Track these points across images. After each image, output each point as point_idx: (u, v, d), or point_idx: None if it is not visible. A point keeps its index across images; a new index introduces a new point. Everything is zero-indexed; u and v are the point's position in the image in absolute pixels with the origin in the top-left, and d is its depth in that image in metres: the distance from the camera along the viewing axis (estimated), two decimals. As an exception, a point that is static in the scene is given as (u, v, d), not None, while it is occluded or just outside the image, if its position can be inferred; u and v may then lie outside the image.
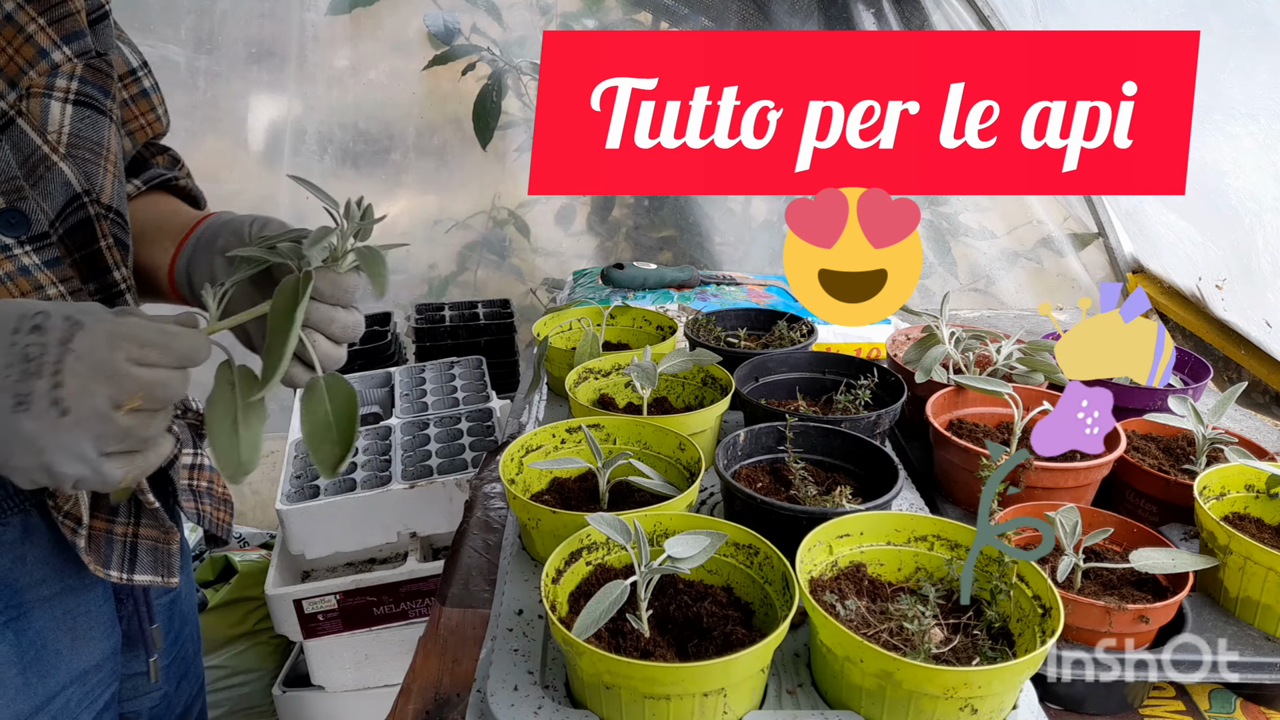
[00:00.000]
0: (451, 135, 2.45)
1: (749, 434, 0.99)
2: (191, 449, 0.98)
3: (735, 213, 2.57)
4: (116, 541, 0.83)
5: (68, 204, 0.76)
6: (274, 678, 1.86)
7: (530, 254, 2.61)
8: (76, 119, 0.76)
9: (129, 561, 0.83)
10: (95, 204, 0.78)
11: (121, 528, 0.83)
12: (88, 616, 0.85)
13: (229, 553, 1.99)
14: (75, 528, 0.78)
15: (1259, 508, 0.95)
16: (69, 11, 0.77)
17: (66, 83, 0.76)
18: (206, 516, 0.97)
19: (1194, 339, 1.80)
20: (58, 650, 0.82)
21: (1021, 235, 2.37)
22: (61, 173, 0.75)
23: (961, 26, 2.15)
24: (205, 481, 0.98)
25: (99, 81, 0.79)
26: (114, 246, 0.80)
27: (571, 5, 2.42)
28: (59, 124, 0.75)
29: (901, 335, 1.38)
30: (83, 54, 0.77)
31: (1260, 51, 1.35)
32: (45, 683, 0.80)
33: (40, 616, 0.80)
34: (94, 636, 0.85)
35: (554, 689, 0.73)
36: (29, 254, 0.73)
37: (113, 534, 0.82)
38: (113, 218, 0.80)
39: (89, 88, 0.78)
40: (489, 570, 1.14)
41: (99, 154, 0.79)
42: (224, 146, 2.34)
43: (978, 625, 0.74)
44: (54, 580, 0.81)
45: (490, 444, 1.77)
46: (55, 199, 0.75)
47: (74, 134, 0.76)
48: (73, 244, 0.77)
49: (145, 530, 0.85)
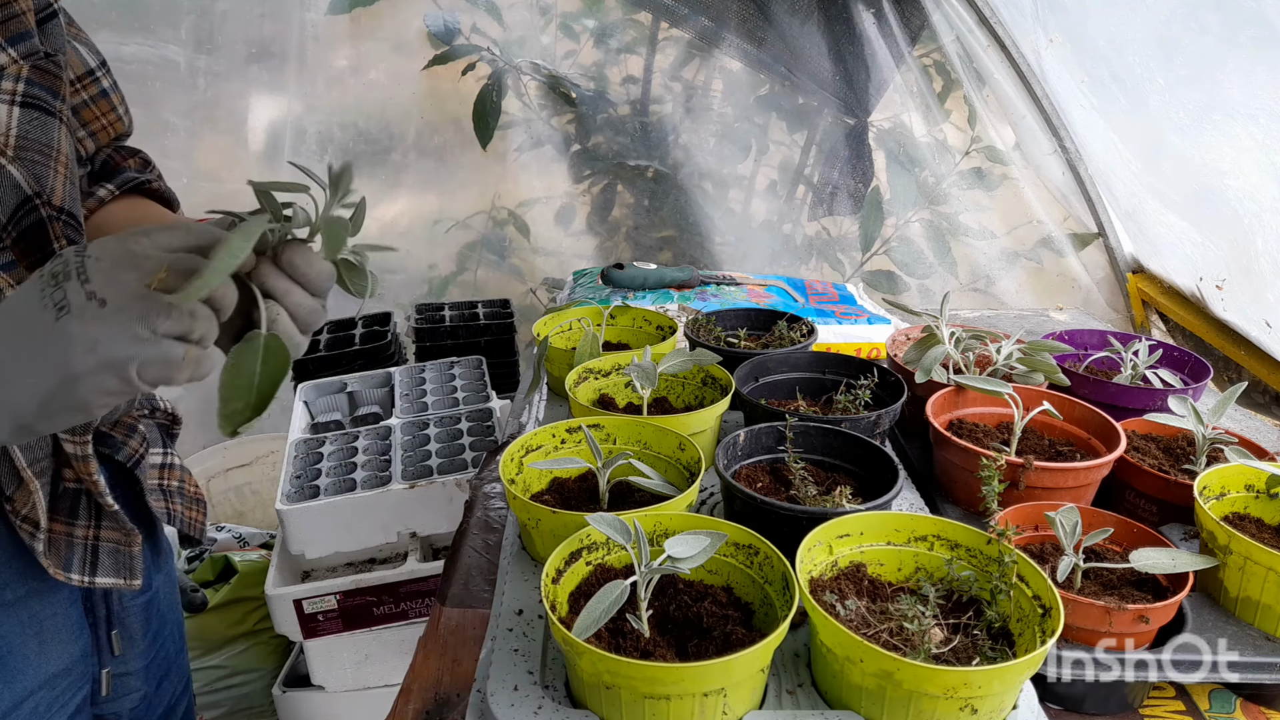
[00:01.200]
0: (451, 135, 2.45)
1: (749, 434, 0.99)
2: (160, 448, 0.98)
3: (735, 213, 2.57)
4: (78, 544, 0.82)
5: (19, 207, 0.74)
6: (274, 678, 1.86)
7: (530, 254, 2.62)
8: (24, 121, 0.75)
9: (90, 564, 0.83)
10: (47, 205, 0.76)
11: (82, 530, 0.83)
12: (54, 620, 0.84)
13: (229, 553, 1.99)
14: (33, 531, 0.78)
15: (1259, 508, 0.95)
16: (14, 13, 0.75)
17: (12, 85, 0.74)
18: (177, 516, 0.97)
19: (1194, 339, 1.80)
20: (25, 655, 0.81)
21: (1021, 235, 2.37)
22: (10, 176, 0.73)
23: (962, 26, 2.14)
24: (176, 481, 0.98)
25: (47, 83, 0.77)
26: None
27: (571, 5, 2.42)
28: (5, 126, 0.74)
29: (901, 335, 1.38)
30: (29, 55, 0.76)
31: (1260, 51, 1.35)
32: (12, 688, 0.80)
33: (5, 621, 0.80)
34: (61, 639, 0.85)
35: (554, 689, 0.73)
36: None
37: (73, 537, 0.82)
38: (65, 219, 0.79)
39: (36, 89, 0.76)
40: (489, 570, 1.14)
41: (49, 156, 0.77)
42: (224, 146, 2.34)
43: (978, 625, 0.74)
44: (17, 584, 0.81)
45: (490, 444, 1.77)
46: (6, 203, 0.74)
47: (21, 136, 0.74)
48: (26, 247, 0.75)
49: (106, 533, 0.85)
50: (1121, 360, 1.26)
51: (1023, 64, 2.10)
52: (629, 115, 2.49)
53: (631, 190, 2.56)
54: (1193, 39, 1.47)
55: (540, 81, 2.42)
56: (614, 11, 2.43)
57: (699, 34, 2.42)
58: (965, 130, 2.34)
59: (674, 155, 2.50)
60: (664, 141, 2.50)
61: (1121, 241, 2.17)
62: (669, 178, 2.51)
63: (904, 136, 2.41)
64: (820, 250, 2.59)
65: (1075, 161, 2.15)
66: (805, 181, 2.56)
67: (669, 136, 2.49)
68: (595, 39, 2.43)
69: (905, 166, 2.43)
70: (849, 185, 2.49)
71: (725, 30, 2.38)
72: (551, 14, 2.41)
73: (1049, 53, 1.98)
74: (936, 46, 2.28)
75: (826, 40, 2.32)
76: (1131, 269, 2.14)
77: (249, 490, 2.48)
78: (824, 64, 2.35)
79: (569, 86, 2.43)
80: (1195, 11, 1.44)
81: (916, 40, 2.30)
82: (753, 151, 2.54)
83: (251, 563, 1.95)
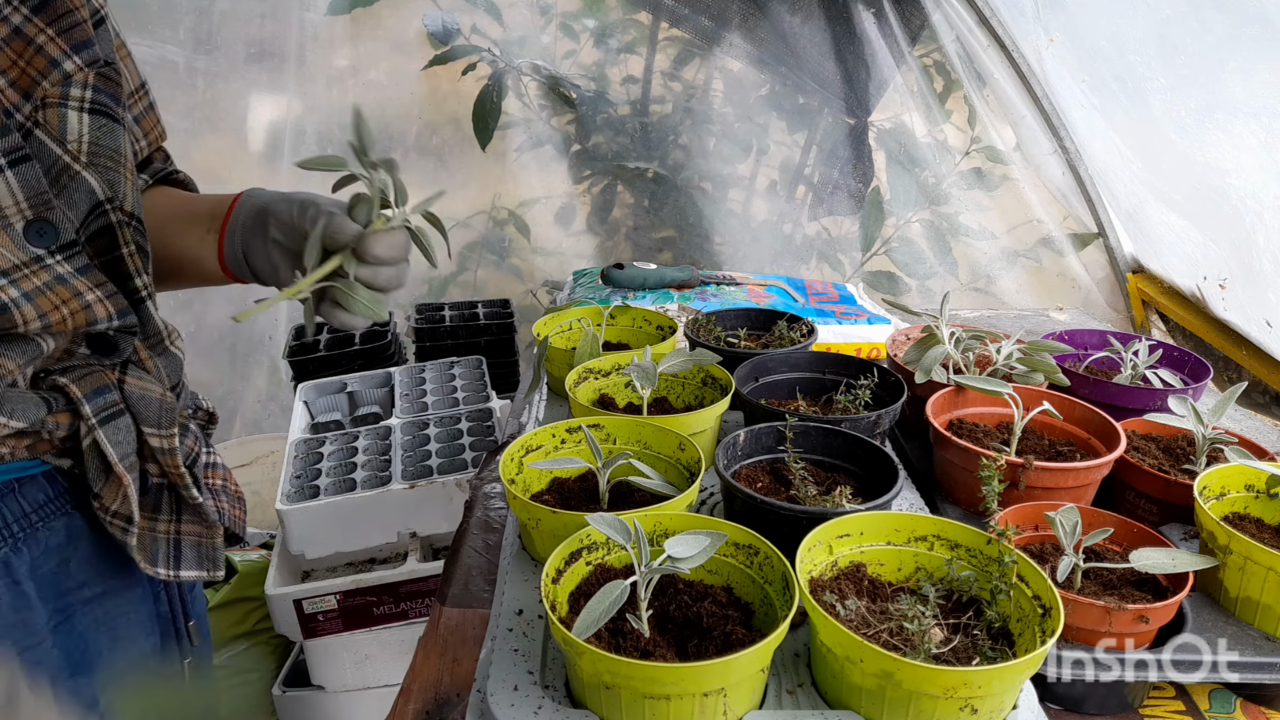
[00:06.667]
0: (451, 135, 2.45)
1: (749, 434, 0.99)
2: (205, 448, 0.99)
3: (735, 213, 2.57)
4: (160, 539, 0.85)
5: (90, 211, 0.77)
6: (274, 678, 1.86)
7: (530, 254, 2.62)
8: (94, 128, 0.77)
9: (174, 558, 0.85)
10: (119, 211, 0.79)
11: (165, 525, 0.86)
12: (126, 618, 0.86)
13: (229, 553, 1.99)
14: (126, 526, 0.80)
15: (1259, 508, 0.94)
16: (76, 21, 0.77)
17: (80, 91, 0.76)
18: (225, 514, 0.98)
19: (1194, 339, 1.80)
20: (99, 651, 0.83)
21: (1021, 235, 2.37)
22: (85, 181, 0.76)
23: (962, 26, 2.14)
24: (220, 480, 1.00)
25: (110, 90, 0.79)
26: (135, 254, 0.82)
27: (571, 5, 2.41)
28: (78, 133, 0.76)
29: (901, 335, 1.38)
30: (92, 63, 0.78)
31: (1261, 50, 1.35)
32: (90, 684, 0.82)
33: (83, 619, 0.82)
34: (134, 636, 0.87)
35: (554, 689, 0.73)
36: (61, 263, 0.74)
37: (156, 532, 0.85)
38: (135, 225, 0.82)
39: (102, 96, 0.78)
40: (489, 570, 1.14)
41: (119, 162, 0.79)
42: (224, 146, 2.34)
43: (978, 625, 0.74)
44: (97, 582, 0.83)
45: (490, 444, 1.77)
46: (80, 208, 0.76)
47: (94, 142, 0.77)
48: (94, 250, 0.78)
49: (188, 526, 0.88)
50: (1121, 360, 1.26)
51: (1023, 64, 2.10)
52: (629, 115, 2.49)
53: (631, 190, 2.56)
54: (1194, 38, 1.46)
55: (540, 82, 2.42)
56: (614, 11, 2.43)
57: (699, 34, 2.42)
58: (965, 130, 2.34)
59: (674, 155, 2.50)
60: (664, 142, 2.50)
61: (1121, 241, 2.16)
62: (669, 178, 2.51)
63: (904, 136, 2.41)
64: (820, 250, 2.59)
65: (1075, 161, 2.15)
66: (805, 181, 2.56)
67: (669, 136, 2.49)
68: (595, 39, 2.43)
69: (905, 166, 2.43)
70: (849, 185, 2.49)
71: (725, 30, 2.38)
72: (551, 14, 2.41)
73: (1049, 52, 1.97)
74: (936, 46, 2.28)
75: (827, 40, 2.32)
76: (1131, 269, 2.14)
77: (249, 490, 2.47)
78: (824, 64, 2.35)
79: (569, 87, 2.43)
80: (1197, 10, 1.44)
81: (916, 40, 2.30)
82: (753, 151, 2.54)
83: (251, 563, 1.95)
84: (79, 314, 0.75)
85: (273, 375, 2.56)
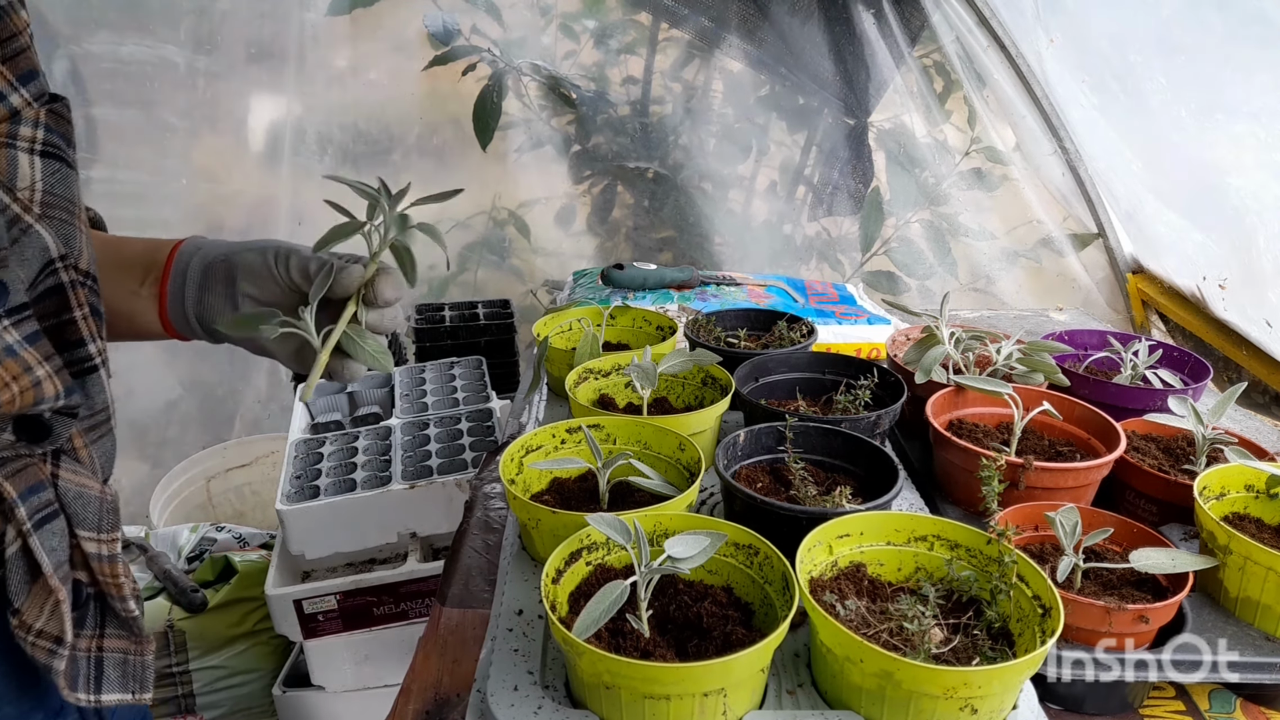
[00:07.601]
0: (451, 136, 2.45)
1: (749, 434, 0.99)
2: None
3: (735, 213, 2.57)
4: (80, 657, 0.71)
5: (41, 270, 0.66)
6: (274, 678, 1.86)
7: (530, 254, 2.62)
8: (47, 173, 0.66)
9: (94, 680, 0.72)
10: (72, 269, 0.68)
11: (85, 641, 0.72)
12: None
13: (229, 553, 1.99)
14: (53, 648, 0.67)
15: (1259, 508, 0.94)
16: (20, 47, 0.65)
17: (31, 131, 0.66)
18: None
19: (1194, 339, 1.80)
20: None
21: (1021, 235, 2.37)
22: (39, 236, 0.65)
23: (961, 27, 2.14)
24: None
25: (61, 129, 0.69)
26: (89, 316, 0.70)
27: (571, 5, 2.41)
28: (29, 180, 0.65)
29: (901, 335, 1.38)
30: (39, 97, 0.67)
31: (1261, 51, 1.35)
32: None
33: None
34: None
35: (554, 689, 0.73)
36: (9, 329, 0.62)
37: (76, 650, 0.70)
38: (89, 285, 0.70)
39: (54, 136, 0.68)
40: (489, 570, 1.14)
41: (73, 213, 0.69)
42: (224, 147, 2.34)
43: (978, 625, 0.74)
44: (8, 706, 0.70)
45: (490, 444, 1.77)
46: (31, 265, 0.65)
47: (48, 191, 0.66)
48: (41, 314, 0.66)
49: (111, 641, 0.74)
50: (1121, 360, 1.26)
51: (1023, 64, 2.10)
52: (629, 116, 2.49)
53: (632, 191, 2.56)
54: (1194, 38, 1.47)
55: (540, 82, 2.42)
56: (614, 12, 2.43)
57: (699, 34, 2.42)
58: (965, 131, 2.34)
59: (674, 156, 2.50)
60: (664, 142, 2.50)
61: (1121, 242, 2.16)
62: (669, 178, 2.51)
63: (904, 137, 2.41)
64: (820, 251, 2.59)
65: (1075, 162, 2.15)
66: (805, 182, 2.56)
67: (669, 137, 2.49)
68: (595, 39, 2.43)
69: (905, 167, 2.43)
70: (849, 185, 2.49)
71: (725, 31, 2.38)
72: (551, 14, 2.41)
73: (1049, 53, 1.98)
74: (936, 47, 2.28)
75: (827, 40, 2.32)
76: (1131, 269, 2.14)
77: (249, 490, 2.48)
78: (824, 64, 2.35)
79: (569, 87, 2.43)
80: (1197, 11, 1.44)
81: (916, 41, 2.30)
82: (753, 152, 2.54)
83: (251, 563, 1.95)
84: (28, 392, 0.62)
85: (273, 375, 2.56)
